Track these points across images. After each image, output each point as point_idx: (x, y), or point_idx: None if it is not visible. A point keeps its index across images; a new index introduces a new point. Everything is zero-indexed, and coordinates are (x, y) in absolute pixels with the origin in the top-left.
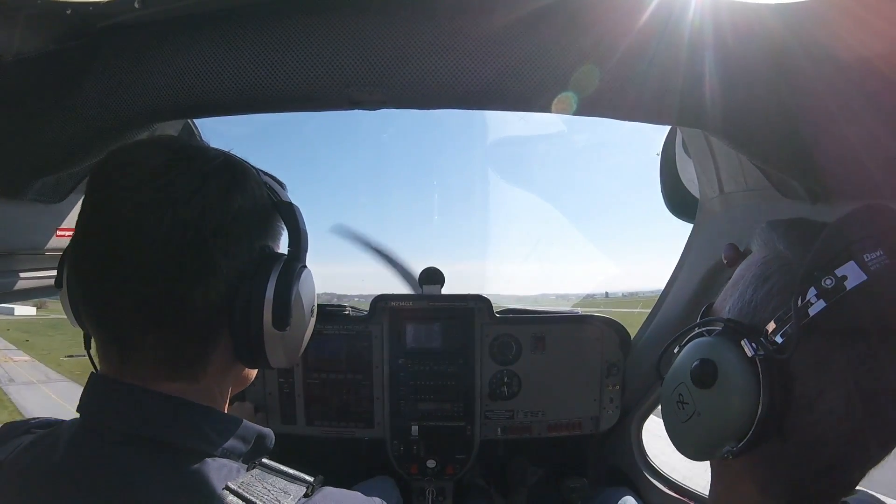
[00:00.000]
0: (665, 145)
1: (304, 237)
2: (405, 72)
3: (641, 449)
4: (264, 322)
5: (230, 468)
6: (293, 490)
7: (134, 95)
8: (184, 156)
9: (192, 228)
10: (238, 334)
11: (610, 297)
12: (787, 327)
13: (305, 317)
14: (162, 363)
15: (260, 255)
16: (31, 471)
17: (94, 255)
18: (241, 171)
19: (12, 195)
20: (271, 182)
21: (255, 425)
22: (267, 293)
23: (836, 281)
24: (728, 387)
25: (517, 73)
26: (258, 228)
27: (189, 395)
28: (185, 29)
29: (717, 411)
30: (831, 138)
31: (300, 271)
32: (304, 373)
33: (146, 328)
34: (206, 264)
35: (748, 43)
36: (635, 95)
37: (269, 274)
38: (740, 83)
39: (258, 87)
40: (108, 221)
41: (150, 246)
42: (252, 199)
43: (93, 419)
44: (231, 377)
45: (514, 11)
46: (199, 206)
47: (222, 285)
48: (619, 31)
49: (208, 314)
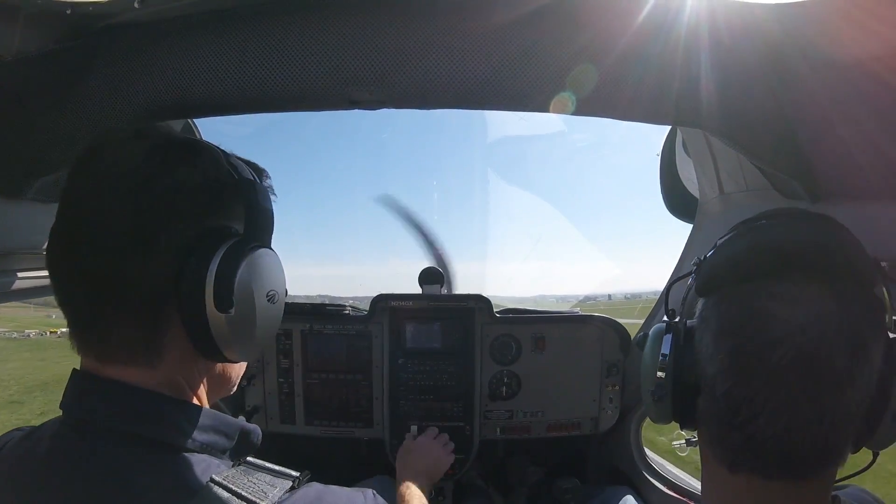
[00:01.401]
0: (665, 145)
1: (263, 216)
2: (404, 71)
3: (641, 449)
4: (206, 303)
5: (209, 463)
6: (279, 484)
7: (134, 95)
8: (141, 135)
9: (130, 200)
10: (185, 317)
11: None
12: (681, 299)
13: (257, 301)
14: (115, 345)
15: (209, 232)
16: (17, 465)
17: (57, 242)
18: (196, 147)
19: (12, 195)
20: (241, 164)
21: (237, 420)
22: (210, 270)
23: (699, 259)
24: (648, 344)
25: (516, 72)
26: (209, 205)
27: (151, 384)
28: (184, 29)
29: (643, 363)
30: (827, 139)
31: (252, 249)
32: (304, 372)
33: (95, 307)
34: (144, 238)
35: (744, 43)
36: (633, 95)
37: (214, 251)
38: (737, 83)
39: (258, 86)
40: (68, 206)
41: (92, 221)
42: (202, 175)
43: (71, 414)
44: (198, 371)
45: (512, 10)
46: (141, 176)
47: (163, 262)
48: (618, 30)
49: (150, 290)
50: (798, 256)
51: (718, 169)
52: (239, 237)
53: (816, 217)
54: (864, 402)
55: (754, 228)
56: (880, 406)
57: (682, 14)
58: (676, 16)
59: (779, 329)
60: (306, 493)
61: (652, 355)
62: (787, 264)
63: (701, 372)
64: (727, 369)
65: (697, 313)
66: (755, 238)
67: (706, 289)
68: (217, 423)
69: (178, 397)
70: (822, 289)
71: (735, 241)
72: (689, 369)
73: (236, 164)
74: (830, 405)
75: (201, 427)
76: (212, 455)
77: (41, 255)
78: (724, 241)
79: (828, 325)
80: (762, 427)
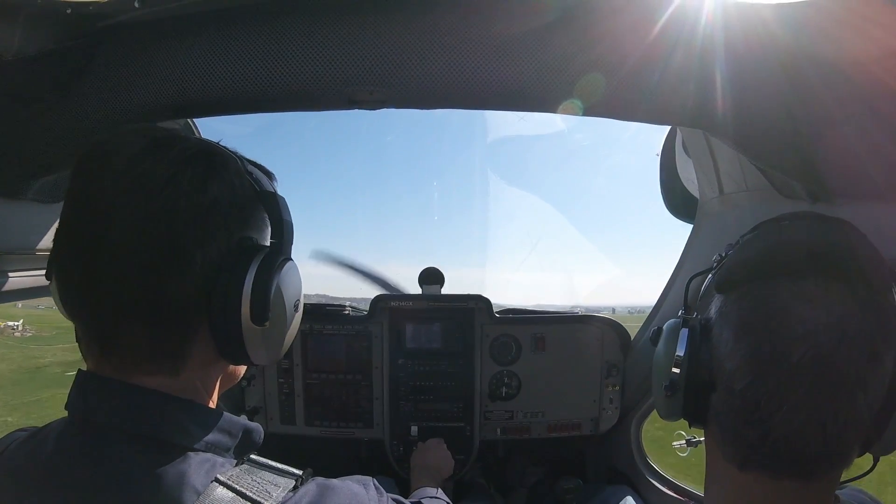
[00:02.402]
0: (665, 145)
1: (287, 228)
2: (405, 71)
3: (641, 449)
4: (242, 317)
5: (213, 462)
6: (282, 482)
7: (133, 95)
8: (162, 143)
9: (165, 219)
10: (217, 329)
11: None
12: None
13: (287, 312)
14: (141, 357)
15: (239, 248)
16: (22, 466)
17: (71, 247)
18: (221, 160)
19: (12, 195)
20: (257, 172)
21: (240, 419)
22: (245, 287)
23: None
24: (662, 339)
25: (517, 73)
26: (237, 219)
27: (170, 388)
28: (184, 28)
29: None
30: (829, 140)
31: (282, 264)
32: (304, 373)
33: (122, 321)
34: (180, 256)
35: (755, 47)
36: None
37: (247, 267)
38: (749, 87)
39: (258, 86)
40: (84, 212)
41: (124, 237)
42: (230, 189)
43: (77, 414)
44: (216, 372)
45: (514, 10)
46: (172, 195)
47: (198, 277)
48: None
49: (184, 307)
50: (821, 258)
51: (718, 169)
52: (266, 250)
53: (837, 221)
54: (874, 406)
55: (777, 228)
56: (889, 411)
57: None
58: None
59: (800, 328)
60: (308, 490)
61: (667, 350)
62: (811, 265)
63: (718, 368)
64: (747, 365)
65: (715, 309)
66: (778, 238)
67: (727, 285)
68: (221, 422)
69: (189, 398)
70: (843, 291)
71: (757, 240)
72: (705, 365)
73: (253, 171)
74: (844, 407)
75: (206, 426)
76: (216, 454)
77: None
78: (747, 240)
79: (848, 328)
80: (778, 424)
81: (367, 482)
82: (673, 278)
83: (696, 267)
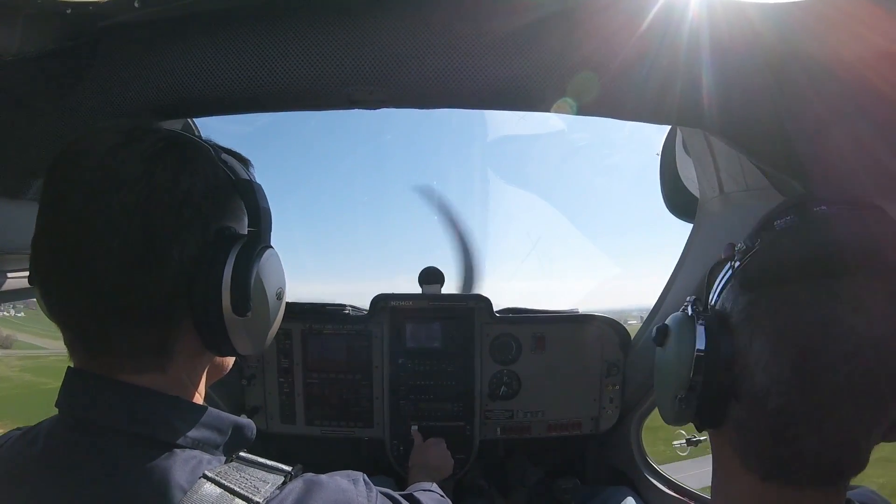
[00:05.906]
0: (665, 145)
1: (265, 216)
2: (404, 71)
3: (641, 449)
4: (224, 308)
5: (200, 459)
6: (271, 478)
7: (133, 95)
8: (133, 138)
9: (139, 215)
10: (200, 322)
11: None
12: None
13: (269, 300)
14: (125, 355)
15: (217, 238)
16: (13, 463)
17: (47, 248)
18: (192, 150)
19: (12, 195)
20: (231, 160)
21: (229, 415)
22: (224, 277)
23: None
24: (673, 340)
25: (510, 70)
26: (213, 210)
27: (157, 385)
28: (184, 28)
29: (666, 363)
30: (820, 140)
31: (261, 252)
32: (304, 372)
33: (104, 322)
34: (157, 251)
35: (743, 46)
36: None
37: (226, 257)
38: (736, 84)
39: (257, 85)
40: (59, 214)
41: (99, 235)
42: (204, 179)
43: (66, 412)
44: (202, 365)
45: (513, 10)
46: (144, 191)
47: (177, 272)
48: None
49: (165, 303)
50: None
51: (718, 169)
52: (244, 239)
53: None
54: None
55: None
56: None
57: (683, 18)
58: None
59: (847, 345)
60: (296, 486)
61: (678, 350)
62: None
63: (742, 374)
64: (786, 382)
65: (739, 308)
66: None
67: (757, 282)
68: (209, 418)
69: (175, 394)
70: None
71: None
72: (726, 369)
73: (228, 159)
74: (877, 423)
75: (192, 423)
76: (204, 451)
77: None
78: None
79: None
80: (815, 444)
81: (357, 477)
82: (673, 278)
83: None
